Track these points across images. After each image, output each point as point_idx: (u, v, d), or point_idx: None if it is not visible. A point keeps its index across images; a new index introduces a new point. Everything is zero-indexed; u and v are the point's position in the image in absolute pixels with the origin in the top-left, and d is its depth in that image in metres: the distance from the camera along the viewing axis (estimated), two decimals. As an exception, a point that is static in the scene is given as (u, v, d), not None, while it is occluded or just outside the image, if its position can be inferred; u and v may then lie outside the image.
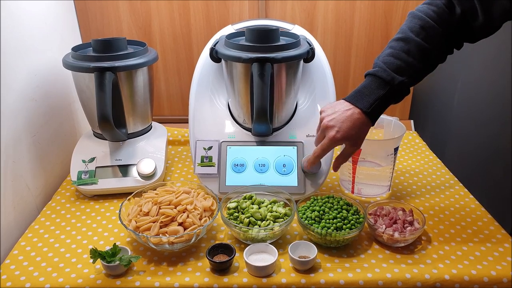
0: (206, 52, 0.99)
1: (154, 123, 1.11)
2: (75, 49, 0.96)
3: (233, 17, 1.23)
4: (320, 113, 0.78)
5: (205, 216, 0.80)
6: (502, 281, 0.72)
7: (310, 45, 0.90)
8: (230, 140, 0.95)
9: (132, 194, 0.84)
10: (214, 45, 0.91)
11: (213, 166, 0.92)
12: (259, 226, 0.78)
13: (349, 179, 0.96)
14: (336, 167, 0.81)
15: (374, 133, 1.02)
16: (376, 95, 0.74)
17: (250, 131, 0.95)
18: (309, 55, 0.89)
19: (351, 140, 0.76)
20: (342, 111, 0.75)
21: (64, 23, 1.15)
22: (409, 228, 0.79)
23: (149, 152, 1.00)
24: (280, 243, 0.81)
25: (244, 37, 0.93)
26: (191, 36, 1.25)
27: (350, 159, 0.92)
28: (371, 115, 0.74)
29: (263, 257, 0.75)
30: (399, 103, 0.77)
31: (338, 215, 0.79)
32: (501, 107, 1.23)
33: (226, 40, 0.90)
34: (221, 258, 0.75)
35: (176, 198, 0.80)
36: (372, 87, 0.74)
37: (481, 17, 0.68)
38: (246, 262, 0.72)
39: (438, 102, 1.40)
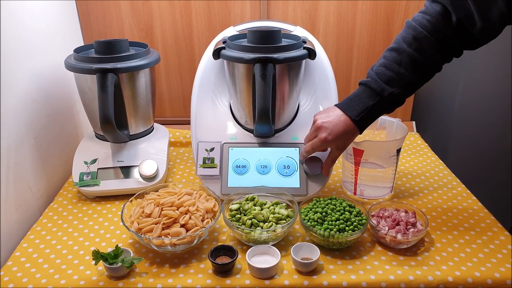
0: (207, 53, 0.99)
1: (156, 125, 1.11)
2: (77, 50, 0.96)
3: (234, 18, 1.23)
4: (315, 115, 0.83)
5: (207, 218, 0.79)
6: (505, 283, 0.72)
7: (308, 48, 0.89)
8: (232, 142, 0.95)
9: (134, 196, 0.84)
10: (224, 42, 0.91)
11: (215, 167, 0.92)
12: (262, 228, 0.78)
13: (351, 181, 0.96)
14: (327, 172, 0.88)
15: (376, 135, 1.02)
16: (365, 105, 0.77)
17: (252, 132, 0.94)
18: (310, 56, 0.89)
19: (339, 144, 0.81)
20: (335, 116, 0.79)
21: (66, 24, 1.15)
22: (412, 229, 0.79)
23: (151, 154, 1.00)
24: (282, 244, 0.80)
25: (246, 39, 0.93)
26: (193, 38, 1.25)
27: (353, 160, 0.92)
28: (359, 124, 0.78)
29: (265, 258, 0.74)
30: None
31: (340, 217, 0.79)
32: (503, 108, 1.22)
33: (228, 42, 0.90)
34: (223, 259, 0.74)
35: (178, 199, 0.80)
36: (363, 96, 0.78)
37: (479, 22, 0.68)
38: (249, 264, 0.72)
39: (440, 103, 1.40)
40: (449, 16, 0.72)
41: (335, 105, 0.82)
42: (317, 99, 0.97)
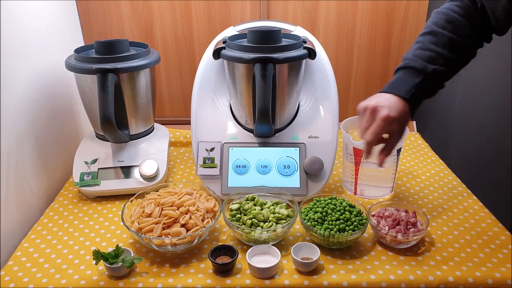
0: (208, 53, 0.99)
1: (156, 125, 1.11)
2: (78, 50, 0.96)
3: (234, 18, 1.23)
4: (359, 104, 0.73)
5: (207, 218, 0.80)
6: (506, 283, 0.72)
7: (308, 48, 0.89)
8: (232, 141, 0.95)
9: (135, 196, 0.84)
10: (224, 42, 0.91)
11: (215, 167, 0.92)
12: (262, 228, 0.78)
13: (351, 181, 0.96)
14: (381, 161, 0.75)
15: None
16: (411, 83, 0.72)
17: (252, 132, 0.94)
18: (310, 56, 0.89)
19: (402, 122, 0.72)
20: (385, 98, 0.71)
21: (67, 24, 1.15)
22: (412, 229, 0.79)
23: (151, 154, 1.00)
24: (282, 244, 0.80)
25: (246, 39, 0.93)
26: (193, 37, 1.25)
27: (353, 160, 0.92)
28: (410, 102, 0.72)
29: (265, 258, 0.75)
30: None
31: (341, 217, 0.79)
32: (503, 107, 1.22)
33: (228, 41, 0.90)
34: (223, 259, 0.75)
35: (179, 199, 0.80)
36: (406, 77, 0.73)
37: (491, 15, 0.70)
38: (249, 264, 0.72)
39: (440, 103, 1.40)
40: (476, 2, 0.73)
41: (378, 92, 0.74)
42: (317, 99, 0.97)
